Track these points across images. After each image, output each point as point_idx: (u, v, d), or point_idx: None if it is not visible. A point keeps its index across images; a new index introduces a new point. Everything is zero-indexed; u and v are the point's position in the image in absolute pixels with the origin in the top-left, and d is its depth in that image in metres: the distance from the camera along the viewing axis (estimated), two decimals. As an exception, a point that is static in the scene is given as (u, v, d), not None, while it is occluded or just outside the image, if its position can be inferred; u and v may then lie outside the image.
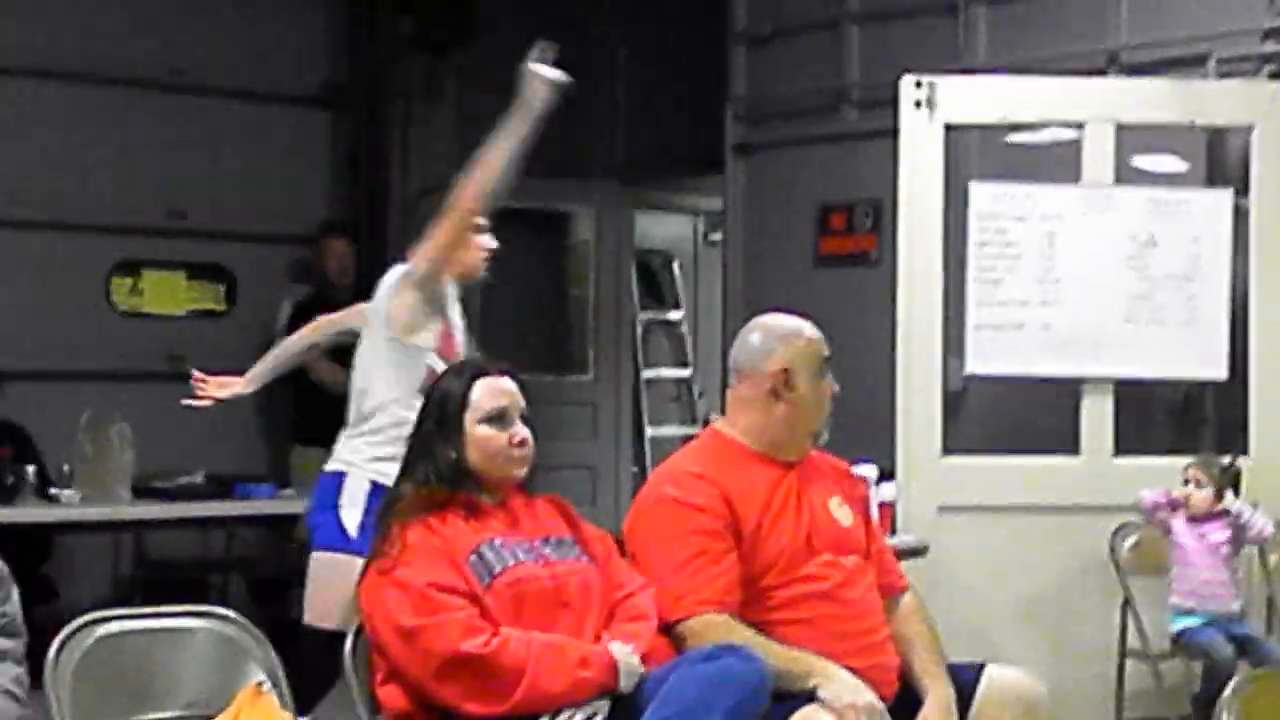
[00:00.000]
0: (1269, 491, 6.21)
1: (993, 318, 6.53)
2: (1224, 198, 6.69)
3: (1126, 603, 6.18)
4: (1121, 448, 6.50)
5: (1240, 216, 6.65)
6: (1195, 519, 6.03)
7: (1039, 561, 6.38)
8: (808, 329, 3.99)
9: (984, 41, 7.77)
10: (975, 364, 6.60)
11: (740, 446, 3.89)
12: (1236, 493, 6.02)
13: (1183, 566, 6.03)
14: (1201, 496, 5.99)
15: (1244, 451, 6.41)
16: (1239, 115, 6.70)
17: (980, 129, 7.02)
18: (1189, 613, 5.99)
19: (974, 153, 7.17)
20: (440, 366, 4.71)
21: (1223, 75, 6.91)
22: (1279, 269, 6.56)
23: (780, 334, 3.96)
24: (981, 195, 6.58)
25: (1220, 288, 6.60)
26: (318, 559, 4.94)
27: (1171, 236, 6.60)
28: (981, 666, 3.95)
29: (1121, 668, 6.25)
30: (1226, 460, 6.11)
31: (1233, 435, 6.60)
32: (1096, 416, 6.55)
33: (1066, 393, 6.64)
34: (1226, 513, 6.00)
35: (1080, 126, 6.65)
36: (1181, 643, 5.98)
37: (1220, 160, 7.04)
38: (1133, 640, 6.20)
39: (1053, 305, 6.51)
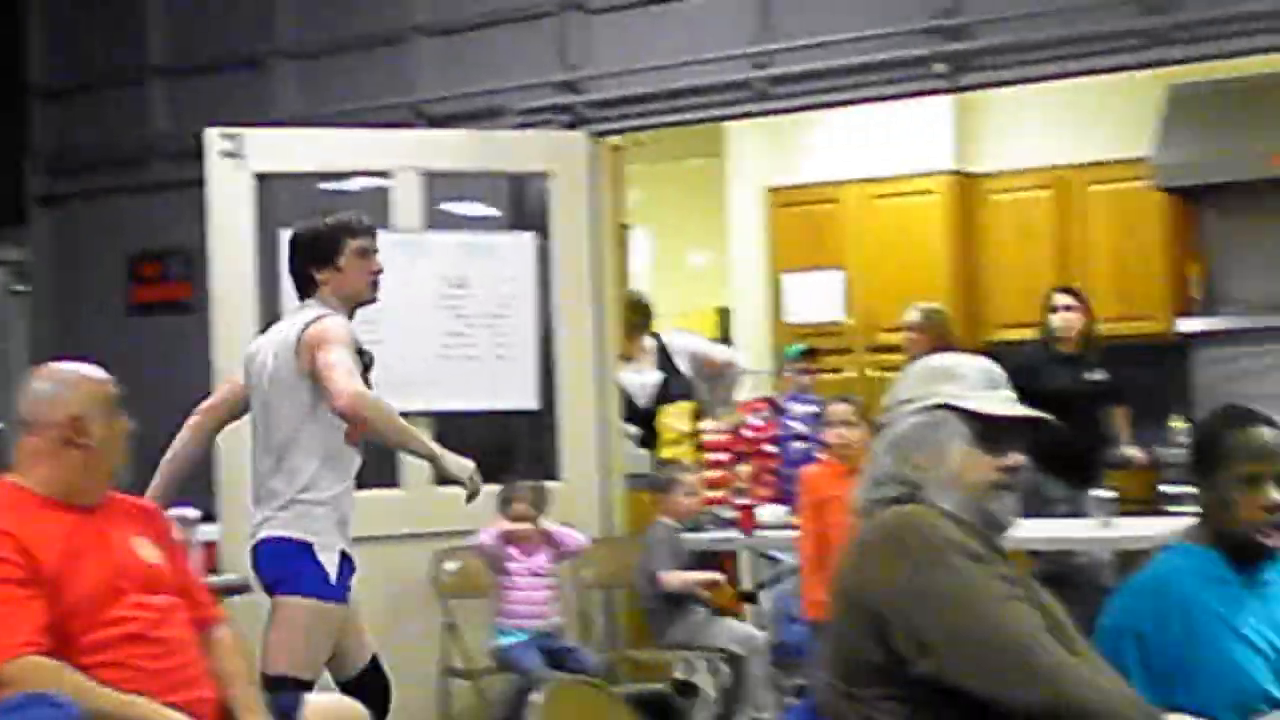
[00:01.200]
0: (578, 510, 6.62)
1: (314, 358, 6.58)
2: (528, 240, 7.03)
3: (449, 624, 6.39)
4: (440, 478, 6.68)
5: (543, 257, 7.00)
6: (519, 542, 6.31)
7: (366, 589, 6.49)
8: (93, 372, 3.89)
9: (294, 94, 7.87)
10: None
11: (33, 495, 3.77)
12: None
13: (505, 589, 6.30)
14: (526, 527, 6.31)
15: (554, 476, 6.77)
16: (537, 163, 7.07)
17: (292, 178, 7.08)
18: (511, 631, 6.27)
19: (287, 201, 7.24)
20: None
21: (521, 126, 7.23)
22: (578, 304, 6.95)
23: (66, 381, 3.86)
24: (294, 243, 6.65)
25: (528, 324, 6.92)
26: (300, 605, 4.86)
27: (482, 277, 6.88)
28: (301, 696, 4.01)
29: (446, 686, 6.45)
30: (532, 485, 6.48)
31: (544, 460, 6.91)
32: (417, 450, 6.70)
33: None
34: (545, 534, 6.33)
35: (389, 175, 6.84)
36: (502, 660, 6.24)
37: (523, 205, 7.38)
38: (458, 660, 6.40)
39: (372, 345, 6.62)
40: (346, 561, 4.98)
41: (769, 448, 7.47)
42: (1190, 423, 8.35)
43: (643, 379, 7.89)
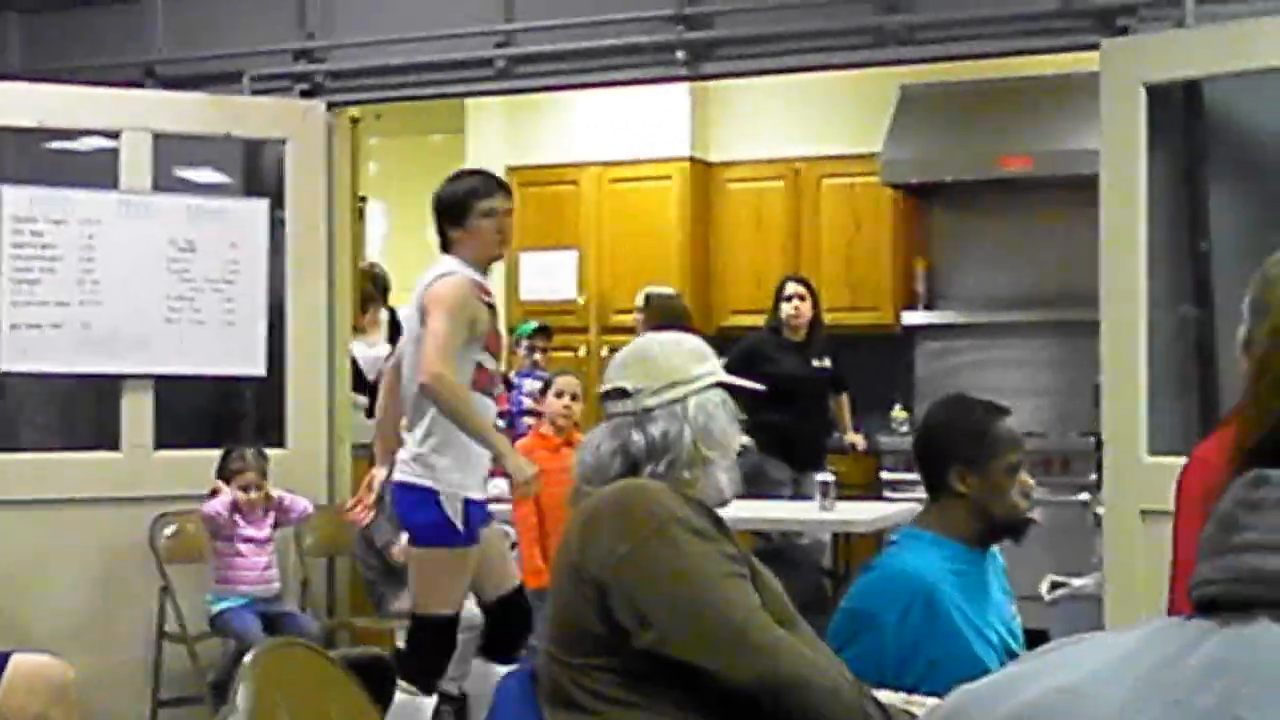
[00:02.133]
0: (304, 478, 6.64)
1: (29, 317, 6.52)
2: (261, 207, 6.97)
3: (165, 589, 6.33)
4: (162, 442, 6.62)
5: (277, 224, 6.93)
6: (245, 509, 6.27)
7: (80, 552, 6.45)
8: None
9: (20, 48, 7.65)
10: (9, 362, 6.54)
11: None
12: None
13: (226, 555, 6.27)
14: (254, 495, 6.29)
15: (281, 444, 6.73)
16: (273, 130, 7.00)
17: (16, 133, 6.91)
18: (228, 596, 6.27)
19: (10, 157, 7.05)
20: (489, 362, 5.46)
21: (257, 92, 7.14)
22: (311, 273, 6.95)
23: None
24: (17, 199, 6.53)
25: (258, 291, 6.87)
26: (430, 554, 5.34)
27: (211, 242, 6.82)
28: (8, 655, 3.94)
29: (160, 650, 6.39)
30: (256, 451, 6.47)
31: (271, 427, 6.87)
32: (137, 413, 6.68)
33: (109, 390, 6.68)
34: (271, 500, 6.30)
35: (117, 135, 6.71)
36: (218, 624, 6.22)
37: (258, 172, 7.29)
38: (172, 624, 6.34)
39: (93, 306, 6.57)
40: (474, 506, 5.33)
41: (499, 422, 7.51)
42: (910, 412, 8.65)
43: (375, 351, 7.89)
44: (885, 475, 8.17)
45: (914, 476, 7.07)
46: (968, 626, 3.44)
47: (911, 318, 9.00)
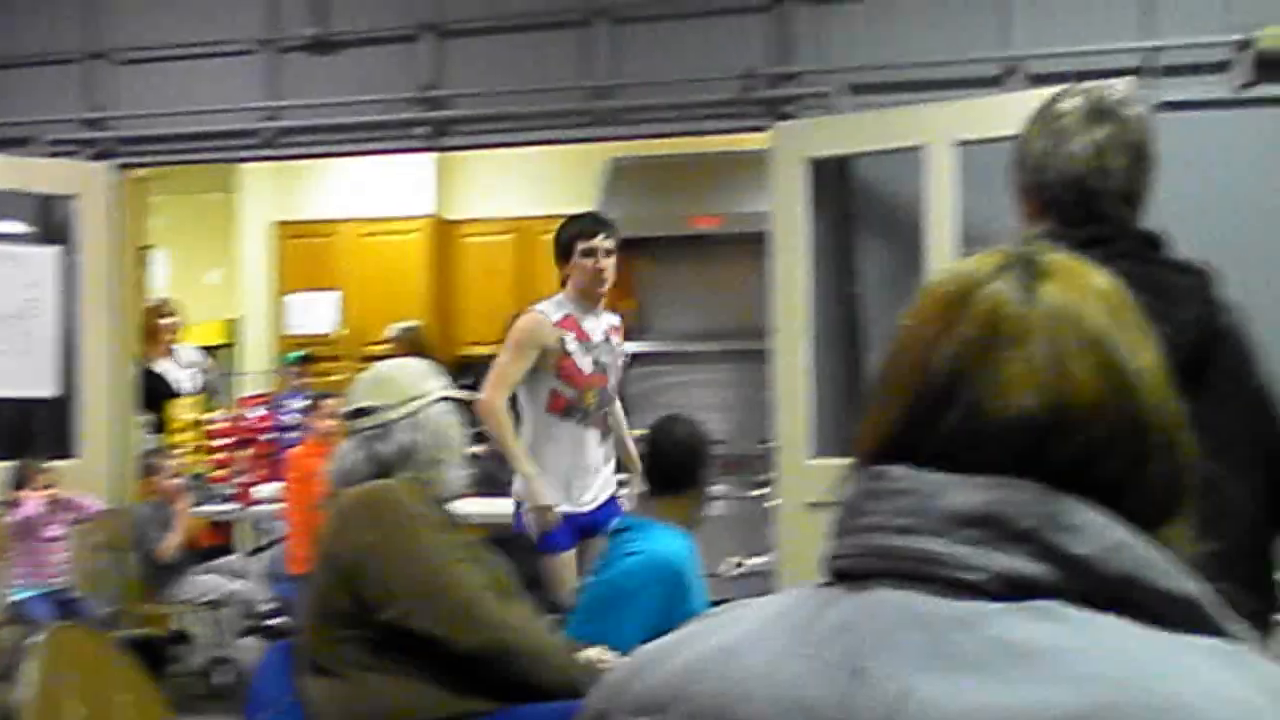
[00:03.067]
0: (95, 484, 6.62)
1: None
2: (54, 253, 6.85)
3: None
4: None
5: (69, 269, 6.81)
6: (44, 511, 6.20)
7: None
8: None
9: None
10: None
11: None
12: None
13: (25, 552, 6.13)
14: (54, 493, 6.23)
15: (75, 454, 6.64)
16: (66, 188, 6.89)
17: None
18: (27, 587, 6.11)
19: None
20: (565, 389, 5.26)
21: (55, 154, 6.98)
22: (99, 310, 6.86)
23: None
24: None
25: (51, 325, 6.77)
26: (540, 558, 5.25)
27: (7, 284, 6.70)
28: None
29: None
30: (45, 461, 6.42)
31: (66, 441, 6.75)
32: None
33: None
34: (67, 502, 6.20)
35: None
36: (14, 613, 6.08)
37: (54, 222, 7.10)
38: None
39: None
40: (571, 518, 5.24)
41: (266, 436, 7.48)
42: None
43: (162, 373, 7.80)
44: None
45: (625, 475, 7.25)
46: (698, 600, 3.55)
47: (625, 347, 9.07)
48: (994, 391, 1.07)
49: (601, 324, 5.52)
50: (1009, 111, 5.55)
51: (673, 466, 3.77)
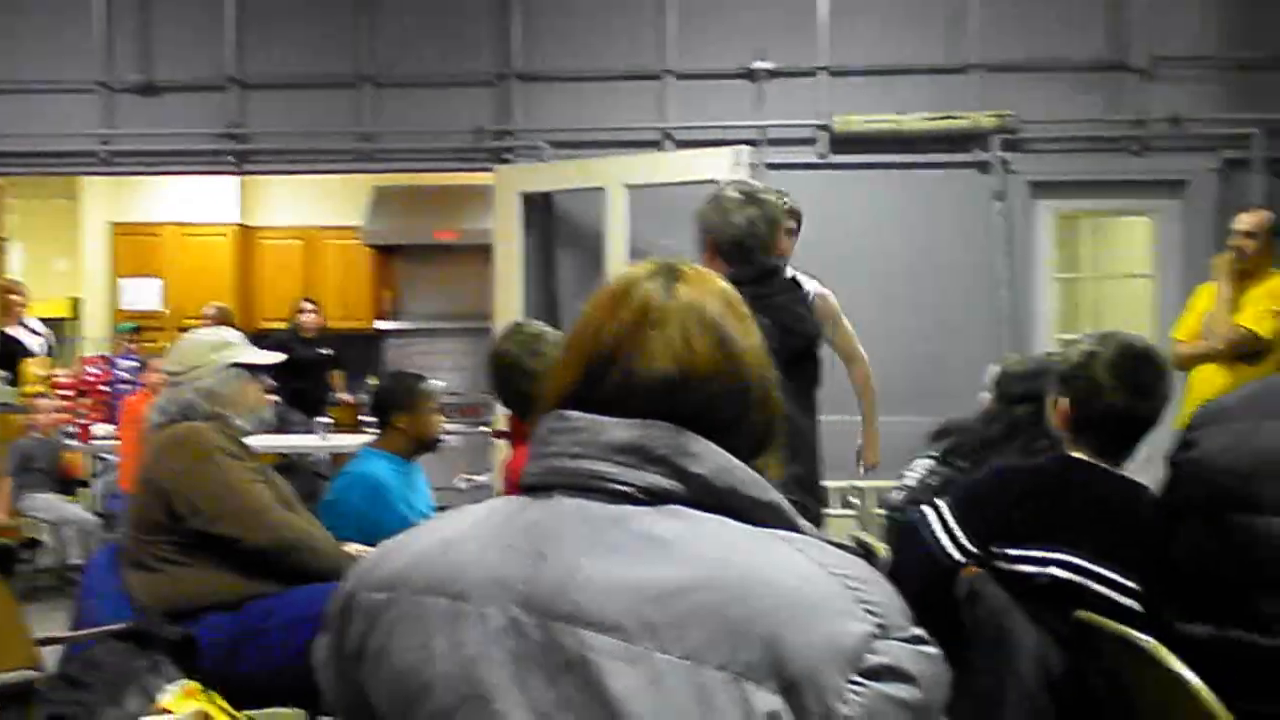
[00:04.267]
0: None
1: None
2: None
3: None
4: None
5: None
6: None
7: None
8: None
9: None
10: None
11: None
12: None
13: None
14: None
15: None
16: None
17: None
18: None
19: None
20: None
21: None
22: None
23: None
24: None
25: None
26: None
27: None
28: None
29: None
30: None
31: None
32: None
33: None
34: None
35: None
36: None
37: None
38: None
39: None
40: None
41: (103, 388, 7.01)
42: (380, 380, 8.62)
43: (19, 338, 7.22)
44: (364, 419, 8.07)
45: (380, 419, 6.97)
46: (403, 505, 3.48)
47: (383, 324, 8.93)
48: (642, 359, 1.09)
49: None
50: (663, 165, 5.69)
51: (376, 409, 3.69)
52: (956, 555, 2.19)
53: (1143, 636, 1.88)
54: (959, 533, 2.21)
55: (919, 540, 2.23)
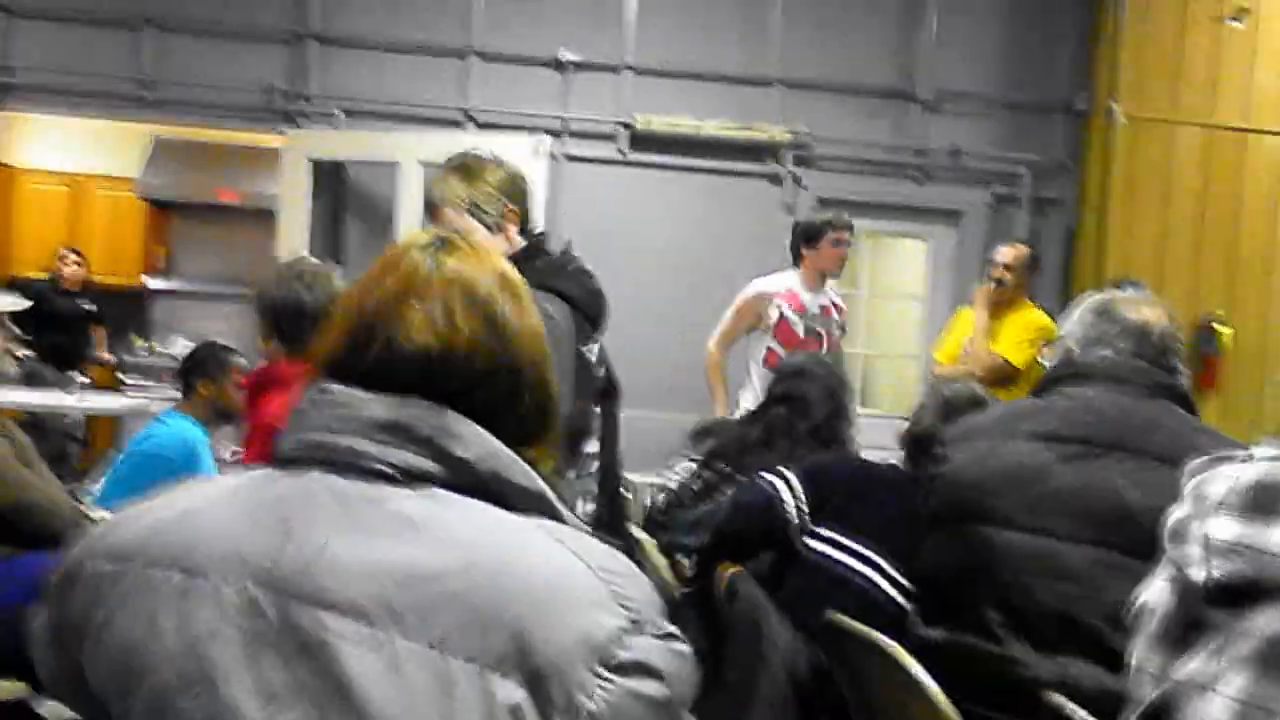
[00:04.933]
0: None
1: None
2: None
3: None
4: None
5: None
6: None
7: None
8: None
9: None
10: None
11: None
12: None
13: None
14: None
15: None
16: None
17: None
18: None
19: None
20: (780, 350, 4.39)
21: None
22: None
23: None
24: None
25: None
26: None
27: None
28: None
29: None
30: None
31: None
32: None
33: None
34: None
35: None
36: None
37: None
38: None
39: None
40: None
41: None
42: (147, 340, 8.20)
43: None
44: (125, 379, 7.64)
45: (146, 381, 6.71)
46: (207, 468, 3.44)
47: (154, 283, 8.44)
48: (402, 332, 1.06)
49: (819, 299, 4.66)
50: (460, 146, 5.62)
51: (183, 374, 3.71)
52: (793, 514, 2.32)
53: (884, 639, 1.97)
54: (801, 497, 2.34)
55: (761, 491, 2.36)
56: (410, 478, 1.01)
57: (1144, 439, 1.95)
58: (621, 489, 2.78)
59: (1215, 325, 6.14)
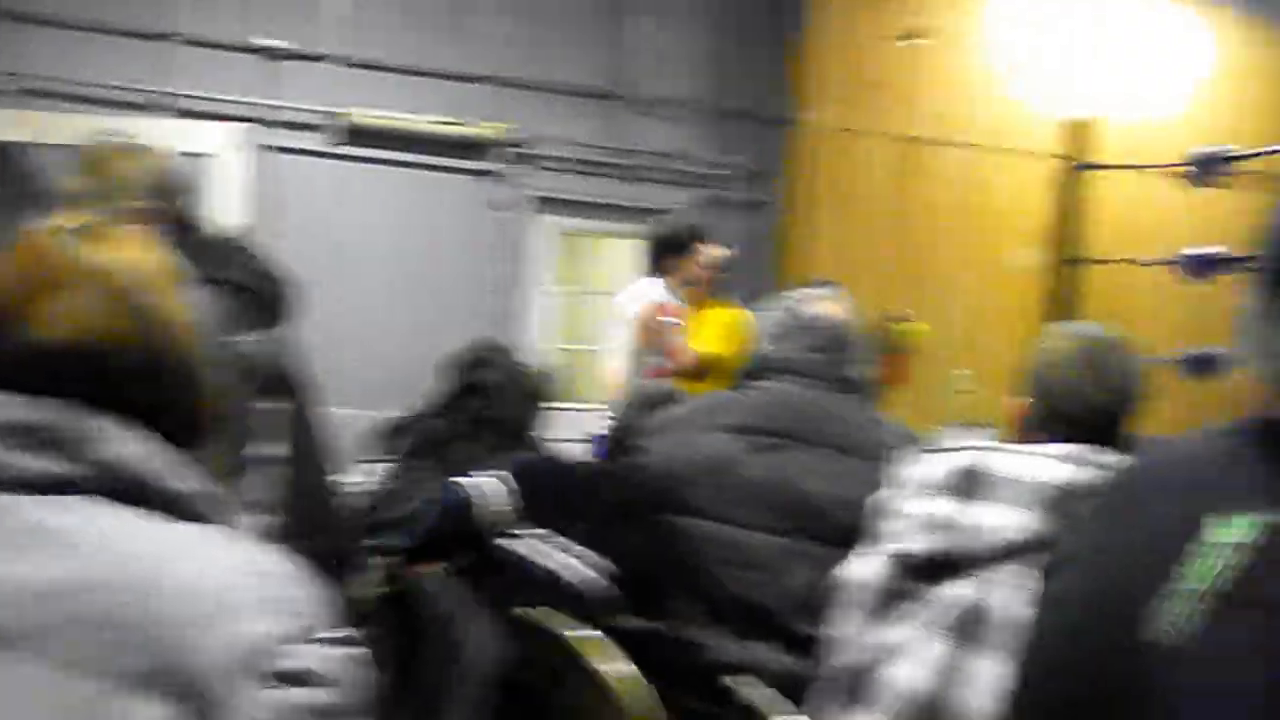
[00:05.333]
0: None
1: None
2: None
3: None
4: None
5: None
6: None
7: None
8: None
9: None
10: None
11: None
12: None
13: None
14: None
15: None
16: None
17: None
18: None
19: None
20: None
21: None
22: None
23: None
24: None
25: None
26: None
27: None
28: None
29: None
30: None
31: None
32: None
33: None
34: None
35: None
36: None
37: None
38: None
39: None
40: None
41: None
42: None
43: None
44: None
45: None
46: None
47: None
48: (36, 324, 0.98)
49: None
50: (154, 133, 5.28)
51: None
52: (490, 515, 2.31)
53: (580, 632, 2.00)
54: (511, 495, 2.33)
55: (460, 492, 2.32)
56: (49, 485, 0.94)
57: (822, 430, 2.05)
58: (325, 490, 2.67)
59: (905, 324, 6.60)
